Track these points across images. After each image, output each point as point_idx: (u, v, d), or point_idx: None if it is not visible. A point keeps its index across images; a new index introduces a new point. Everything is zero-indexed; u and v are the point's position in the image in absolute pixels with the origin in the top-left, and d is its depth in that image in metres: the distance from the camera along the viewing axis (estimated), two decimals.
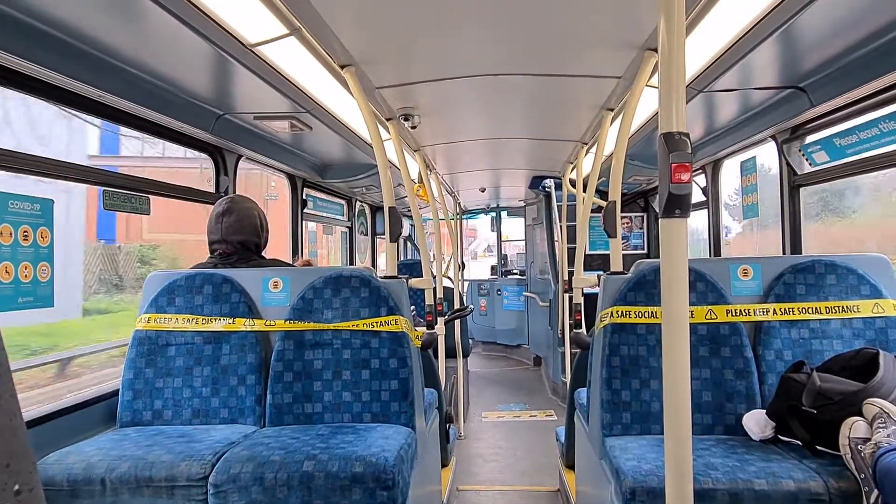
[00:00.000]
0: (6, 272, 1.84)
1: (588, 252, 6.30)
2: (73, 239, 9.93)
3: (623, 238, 6.27)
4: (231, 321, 2.36)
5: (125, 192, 2.52)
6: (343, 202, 5.71)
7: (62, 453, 1.91)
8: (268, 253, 2.71)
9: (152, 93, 2.39)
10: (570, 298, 4.38)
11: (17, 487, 0.41)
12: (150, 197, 2.66)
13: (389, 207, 2.61)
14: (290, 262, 2.74)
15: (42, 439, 1.99)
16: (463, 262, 8.20)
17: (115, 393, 2.34)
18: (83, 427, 2.19)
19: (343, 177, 4.63)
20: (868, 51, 2.18)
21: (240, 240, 2.56)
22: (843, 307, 2.24)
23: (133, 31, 1.92)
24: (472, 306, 6.20)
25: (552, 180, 5.96)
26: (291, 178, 4.37)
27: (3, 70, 1.84)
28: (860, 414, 1.75)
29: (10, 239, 1.86)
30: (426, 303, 3.54)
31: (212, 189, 3.26)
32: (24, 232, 1.90)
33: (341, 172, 4.59)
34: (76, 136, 10.08)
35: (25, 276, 1.90)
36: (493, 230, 10.07)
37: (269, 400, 2.29)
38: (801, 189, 3.15)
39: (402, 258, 7.25)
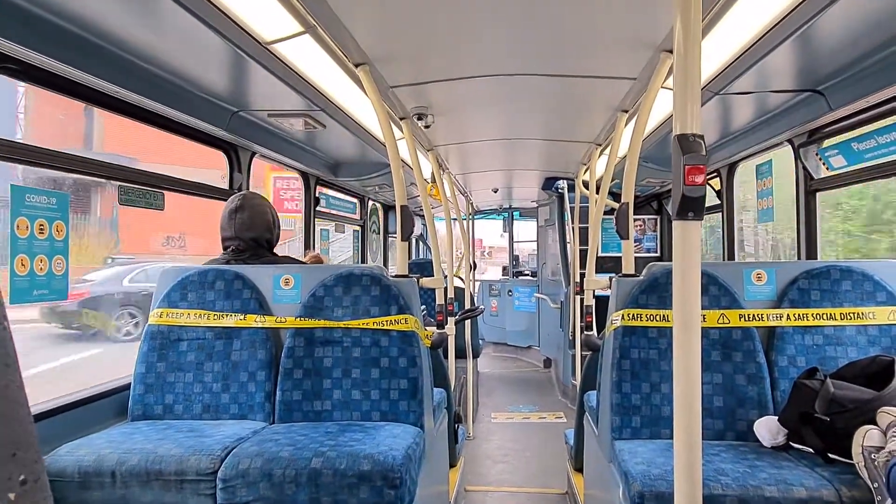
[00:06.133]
0: (22, 265, 1.86)
1: (600, 254, 6.26)
2: None
3: (635, 241, 6.22)
4: (242, 317, 2.37)
5: (140, 187, 2.54)
6: (356, 201, 5.72)
7: (73, 445, 1.93)
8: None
9: (168, 90, 2.41)
10: (582, 300, 4.35)
11: (22, 477, 0.41)
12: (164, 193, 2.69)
13: (402, 206, 2.61)
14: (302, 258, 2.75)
15: (53, 431, 2.01)
16: (474, 262, 8.18)
17: (126, 386, 2.36)
18: (94, 420, 2.21)
19: (356, 175, 4.65)
20: (887, 54, 2.14)
21: (252, 236, 2.58)
22: (858, 314, 2.20)
23: (151, 29, 1.94)
24: (482, 307, 6.18)
25: (565, 181, 5.93)
26: (305, 175, 4.39)
27: (21, 64, 1.86)
28: (874, 422, 1.73)
29: (27, 232, 1.88)
30: (437, 302, 3.54)
31: (225, 186, 3.28)
32: (41, 225, 1.92)
33: (354, 171, 4.60)
34: None
35: (41, 269, 1.92)
36: (504, 231, 10.04)
37: (278, 397, 2.30)
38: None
39: (412, 258, 7.25)
